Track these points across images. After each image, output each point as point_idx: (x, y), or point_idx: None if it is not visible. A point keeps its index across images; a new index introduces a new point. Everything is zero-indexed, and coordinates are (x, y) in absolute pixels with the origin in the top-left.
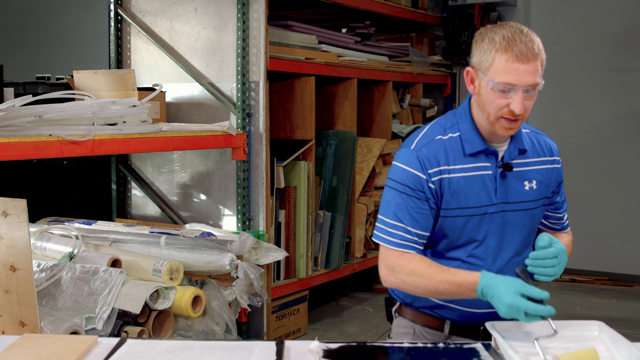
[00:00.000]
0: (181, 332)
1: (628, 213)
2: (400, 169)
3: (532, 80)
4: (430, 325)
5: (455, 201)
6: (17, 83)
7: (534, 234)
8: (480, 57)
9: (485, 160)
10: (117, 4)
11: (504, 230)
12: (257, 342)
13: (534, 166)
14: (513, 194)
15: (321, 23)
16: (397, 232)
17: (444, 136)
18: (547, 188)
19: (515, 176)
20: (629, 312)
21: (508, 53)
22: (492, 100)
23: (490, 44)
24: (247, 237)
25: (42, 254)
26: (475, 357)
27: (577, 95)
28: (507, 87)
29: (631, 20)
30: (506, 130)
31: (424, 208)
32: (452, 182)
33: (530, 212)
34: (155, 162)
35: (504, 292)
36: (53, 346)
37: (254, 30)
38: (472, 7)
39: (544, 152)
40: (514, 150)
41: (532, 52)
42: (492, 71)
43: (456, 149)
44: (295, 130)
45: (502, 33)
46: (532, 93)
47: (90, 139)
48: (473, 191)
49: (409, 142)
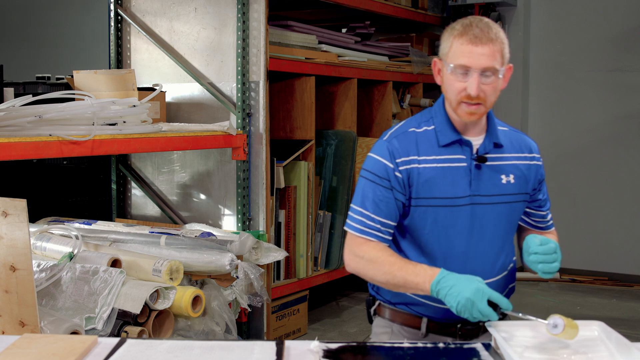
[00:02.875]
0: (181, 332)
1: (628, 213)
2: (371, 158)
3: (487, 62)
4: (408, 324)
5: (427, 191)
6: (17, 83)
7: (512, 233)
8: (442, 46)
9: (460, 152)
10: (117, 4)
11: (476, 222)
12: (257, 342)
13: (511, 161)
14: (488, 187)
15: (321, 23)
16: (361, 218)
17: (418, 129)
18: (526, 184)
19: (491, 169)
20: (629, 312)
21: (464, 37)
22: (451, 85)
23: (450, 32)
24: (247, 237)
25: (42, 254)
26: (475, 357)
27: (577, 95)
28: (463, 70)
29: (631, 20)
30: (468, 115)
31: (388, 197)
32: (422, 172)
33: (509, 206)
34: (155, 162)
35: (467, 286)
36: (53, 346)
37: (254, 30)
38: (472, 7)
39: (522, 149)
40: (489, 143)
41: (487, 36)
42: (450, 56)
43: (429, 141)
44: (295, 130)
45: (462, 21)
46: (492, 79)
47: (90, 139)
48: (445, 182)
49: (384, 135)
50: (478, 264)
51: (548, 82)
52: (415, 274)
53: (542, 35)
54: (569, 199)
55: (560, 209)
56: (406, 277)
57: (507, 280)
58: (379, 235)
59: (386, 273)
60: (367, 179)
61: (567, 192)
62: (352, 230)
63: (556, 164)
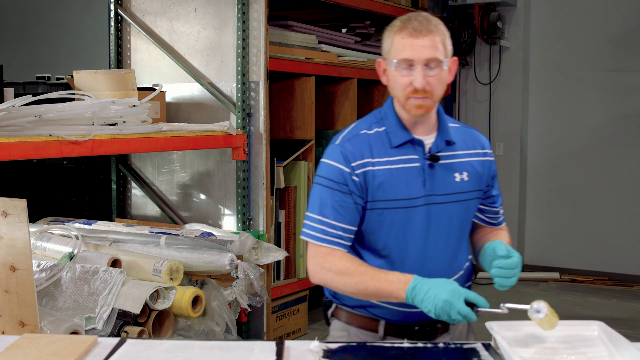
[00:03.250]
0: (181, 332)
1: (628, 213)
2: (325, 164)
3: (429, 54)
4: (365, 327)
5: (382, 193)
6: (17, 83)
7: (467, 231)
8: (384, 45)
9: (413, 152)
10: (117, 4)
11: (432, 222)
12: (257, 342)
13: (464, 158)
14: (442, 186)
15: (321, 23)
16: (322, 227)
17: (370, 131)
18: (480, 180)
19: (444, 167)
20: (629, 312)
21: (403, 31)
22: (397, 81)
23: (390, 29)
24: (247, 237)
25: (42, 254)
26: (475, 357)
27: (577, 95)
28: (407, 64)
29: (631, 20)
30: (416, 108)
31: (348, 202)
32: (377, 175)
33: (463, 204)
34: (155, 162)
35: (442, 289)
36: (53, 346)
37: (254, 30)
38: (472, 7)
39: (475, 145)
40: (440, 142)
41: (427, 28)
42: (393, 52)
43: (382, 142)
44: (295, 130)
45: (401, 17)
46: (436, 71)
47: (90, 139)
48: (400, 183)
49: (335, 139)
50: (435, 264)
51: (548, 82)
52: (388, 283)
53: (542, 35)
54: (569, 199)
55: (560, 209)
56: (379, 287)
57: (464, 279)
58: (342, 242)
59: (357, 284)
60: (323, 186)
61: (567, 192)
62: (313, 239)
63: (556, 164)
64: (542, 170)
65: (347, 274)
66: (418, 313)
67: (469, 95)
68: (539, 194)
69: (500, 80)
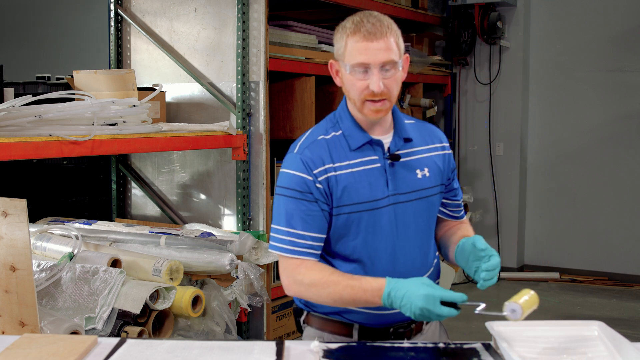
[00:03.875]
0: (181, 332)
1: (628, 213)
2: (287, 174)
3: (385, 57)
4: (339, 332)
5: (347, 198)
6: (17, 83)
7: (432, 226)
8: (337, 47)
9: (372, 154)
10: (117, 4)
11: (399, 222)
12: (257, 342)
13: (423, 154)
14: (406, 184)
15: (321, 23)
16: (291, 238)
17: (327, 136)
18: (441, 174)
19: (405, 165)
20: (629, 312)
21: (357, 34)
22: (353, 85)
23: (343, 31)
24: (247, 237)
25: (42, 254)
26: (475, 357)
27: (577, 96)
28: (362, 68)
29: (631, 20)
30: (374, 113)
31: (314, 210)
32: (340, 180)
33: (427, 200)
34: (155, 162)
35: (416, 295)
36: (53, 346)
37: (254, 30)
38: (472, 7)
39: (432, 139)
40: (398, 140)
41: (380, 30)
42: (347, 55)
43: (340, 146)
44: (295, 130)
45: (352, 19)
46: (392, 72)
47: (90, 139)
48: (363, 185)
49: (293, 147)
50: (406, 264)
51: (548, 82)
52: (363, 291)
53: (542, 35)
54: (569, 199)
55: (560, 209)
56: (354, 295)
57: (435, 276)
58: (312, 252)
59: (332, 294)
60: (287, 196)
61: (567, 192)
62: (283, 252)
63: (556, 164)
64: (542, 170)
65: (319, 285)
66: (393, 314)
67: (469, 95)
68: (539, 194)
69: (500, 80)
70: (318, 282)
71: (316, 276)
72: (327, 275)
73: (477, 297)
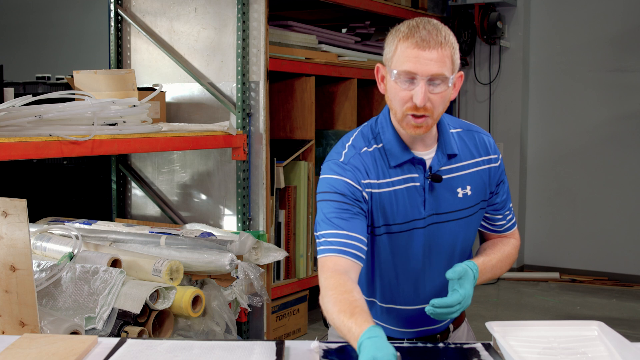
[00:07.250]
0: (181, 332)
1: (628, 213)
2: (332, 179)
3: (435, 69)
4: None
5: (382, 218)
6: (17, 83)
7: (469, 244)
8: (386, 50)
9: (413, 171)
10: (117, 4)
11: (433, 243)
12: (257, 342)
13: (467, 170)
14: (444, 205)
15: (321, 23)
16: (339, 239)
17: (369, 148)
18: (484, 191)
19: (445, 185)
20: (629, 312)
21: (409, 40)
22: (396, 94)
23: (395, 34)
24: (247, 237)
25: (42, 254)
26: (475, 357)
27: (577, 95)
28: (409, 77)
29: (631, 20)
30: (414, 128)
31: (358, 211)
32: (378, 197)
33: (465, 221)
34: (155, 162)
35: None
36: (53, 346)
37: (254, 30)
38: (472, 7)
39: (479, 151)
40: (442, 157)
41: (435, 40)
42: (395, 61)
43: (381, 162)
44: (295, 130)
45: (408, 22)
46: (441, 87)
47: (90, 139)
48: (400, 205)
49: (336, 156)
50: (433, 283)
51: (548, 82)
52: (347, 329)
53: (542, 35)
54: (569, 199)
55: (560, 209)
56: (339, 327)
57: None
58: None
59: (327, 310)
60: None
61: (567, 192)
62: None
63: (556, 164)
64: (542, 170)
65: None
66: (418, 332)
67: (469, 95)
68: (539, 194)
69: (500, 80)
70: (329, 288)
71: (334, 282)
72: (338, 293)
73: (478, 297)
